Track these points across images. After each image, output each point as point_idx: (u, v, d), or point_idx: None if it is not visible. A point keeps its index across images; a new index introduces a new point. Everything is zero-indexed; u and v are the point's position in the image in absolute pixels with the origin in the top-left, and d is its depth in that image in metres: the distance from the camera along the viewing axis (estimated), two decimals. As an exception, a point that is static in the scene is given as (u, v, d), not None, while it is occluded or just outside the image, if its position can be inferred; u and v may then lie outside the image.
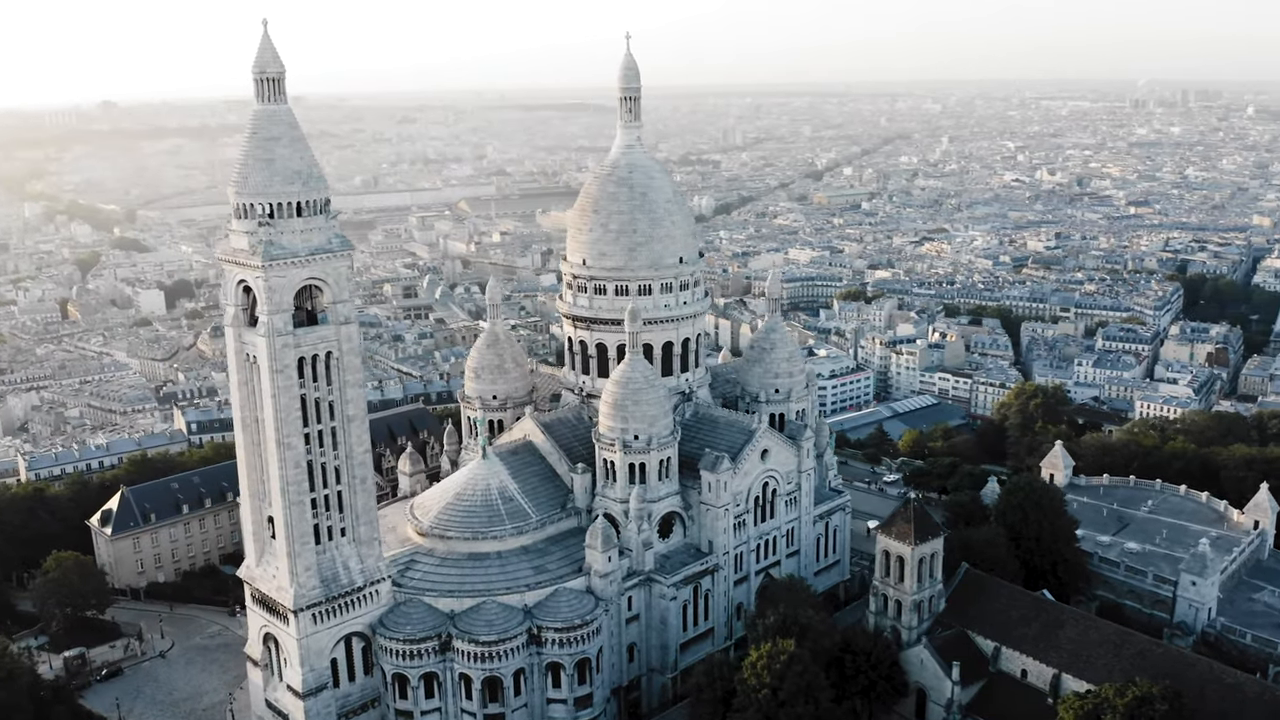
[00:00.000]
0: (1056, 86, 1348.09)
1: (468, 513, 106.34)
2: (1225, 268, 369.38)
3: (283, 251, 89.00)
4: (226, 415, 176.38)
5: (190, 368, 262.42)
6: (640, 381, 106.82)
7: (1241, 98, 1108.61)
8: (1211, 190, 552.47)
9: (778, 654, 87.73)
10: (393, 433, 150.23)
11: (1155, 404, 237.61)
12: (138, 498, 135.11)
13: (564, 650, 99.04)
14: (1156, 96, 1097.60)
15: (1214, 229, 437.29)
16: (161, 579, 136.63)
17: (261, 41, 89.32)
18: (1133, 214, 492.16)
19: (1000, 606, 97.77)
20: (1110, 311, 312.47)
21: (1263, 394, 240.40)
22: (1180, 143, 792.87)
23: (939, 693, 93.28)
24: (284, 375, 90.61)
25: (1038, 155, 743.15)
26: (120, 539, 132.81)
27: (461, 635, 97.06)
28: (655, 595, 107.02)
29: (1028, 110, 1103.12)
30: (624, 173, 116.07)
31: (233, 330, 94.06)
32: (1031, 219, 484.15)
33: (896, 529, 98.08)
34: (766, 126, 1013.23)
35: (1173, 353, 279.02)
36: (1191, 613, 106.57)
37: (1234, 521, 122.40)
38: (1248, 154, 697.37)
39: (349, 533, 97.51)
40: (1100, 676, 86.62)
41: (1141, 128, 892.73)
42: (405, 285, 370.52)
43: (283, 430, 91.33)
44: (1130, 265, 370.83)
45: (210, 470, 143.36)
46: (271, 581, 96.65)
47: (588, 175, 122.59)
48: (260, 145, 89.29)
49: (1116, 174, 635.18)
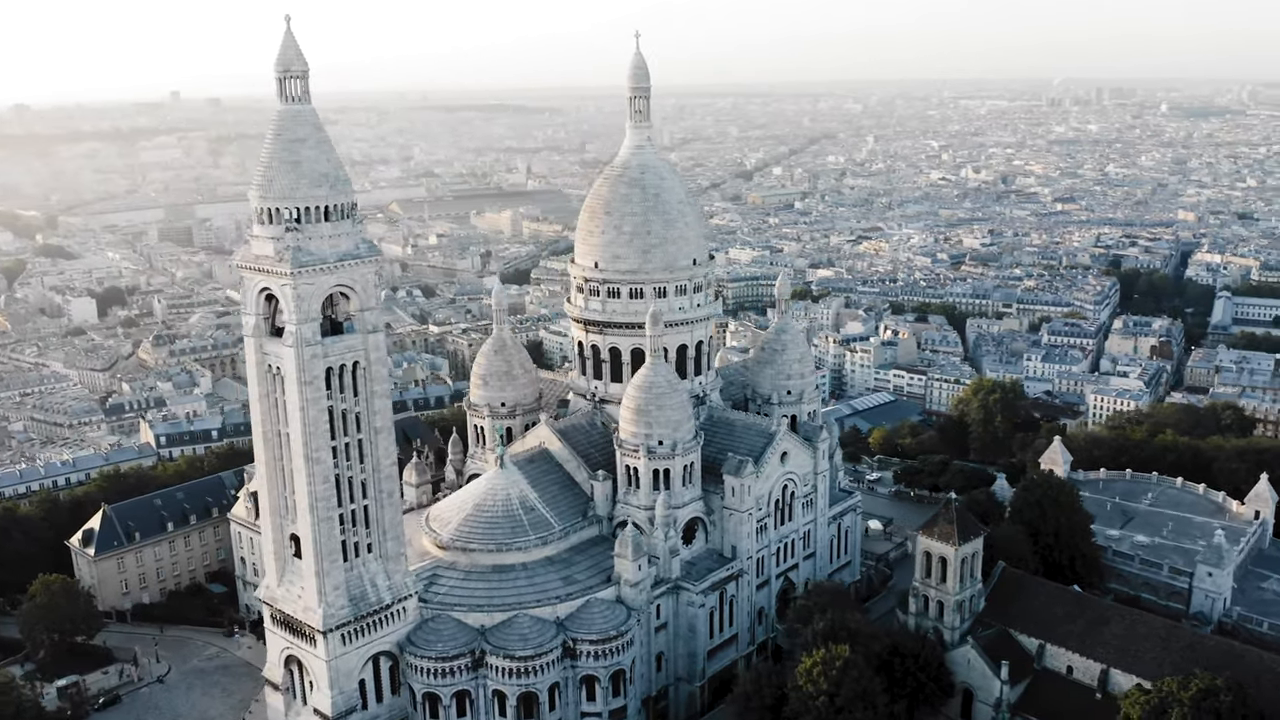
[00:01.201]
0: (973, 86, 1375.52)
1: (490, 524, 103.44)
2: (1157, 262, 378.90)
3: (311, 258, 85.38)
4: (196, 428, 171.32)
5: (134, 378, 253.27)
6: (664, 386, 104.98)
7: (1154, 95, 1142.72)
8: (1133, 187, 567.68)
9: (833, 660, 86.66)
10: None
11: (1108, 397, 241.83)
12: (120, 516, 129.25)
13: (599, 663, 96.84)
14: (1072, 95, 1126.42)
15: (1141, 224, 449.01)
16: (146, 600, 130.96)
17: (284, 38, 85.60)
18: (1060, 210, 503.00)
19: (1042, 604, 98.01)
20: (1051, 307, 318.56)
21: (1210, 385, 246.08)
22: (1099, 140, 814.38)
23: (987, 692, 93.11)
24: (313, 387, 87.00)
25: (961, 154, 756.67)
26: (104, 559, 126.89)
27: (496, 651, 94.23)
28: (683, 603, 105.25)
29: (947, 110, 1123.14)
30: (636, 173, 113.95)
31: (254, 341, 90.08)
32: (962, 216, 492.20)
33: (939, 530, 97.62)
34: (692, 127, 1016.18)
35: (1117, 346, 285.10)
36: (1208, 603, 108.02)
37: (1234, 512, 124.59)
38: (1165, 150, 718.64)
39: (375, 548, 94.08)
40: (1150, 670, 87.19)
41: (1059, 126, 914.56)
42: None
43: (311, 444, 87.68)
44: (1065, 261, 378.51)
45: (194, 485, 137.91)
46: (296, 602, 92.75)
47: (598, 177, 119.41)
48: (286, 147, 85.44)
49: (1040, 171, 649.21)
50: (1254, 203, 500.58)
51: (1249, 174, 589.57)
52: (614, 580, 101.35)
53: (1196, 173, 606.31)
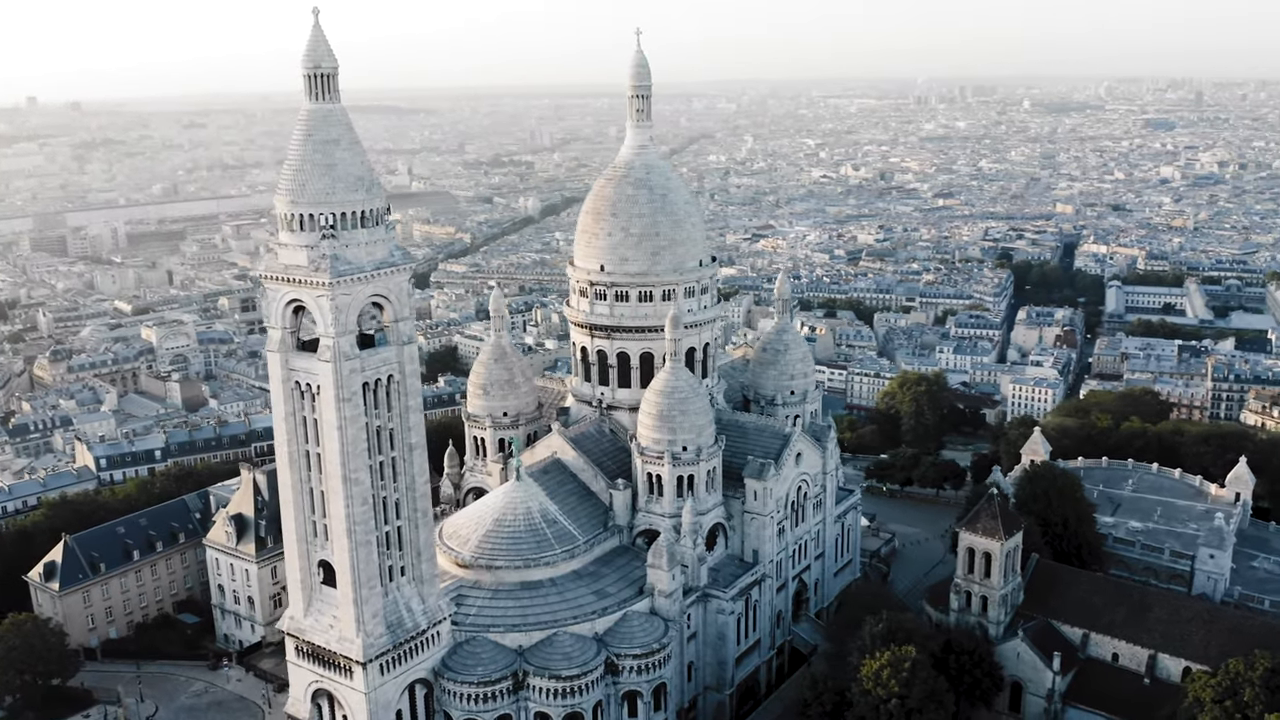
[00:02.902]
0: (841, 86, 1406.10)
1: (514, 539, 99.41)
2: (1046, 254, 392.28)
3: (349, 267, 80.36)
4: (139, 449, 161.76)
5: (33, 396, 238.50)
6: (686, 390, 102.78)
7: (1015, 92, 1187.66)
8: (1007, 181, 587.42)
9: (901, 660, 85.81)
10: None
11: (1025, 386, 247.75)
12: (83, 546, 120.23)
13: (642, 677, 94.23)
14: (937, 93, 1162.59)
15: (1022, 218, 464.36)
16: (114, 635, 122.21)
17: (312, 34, 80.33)
18: (941, 205, 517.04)
19: (1082, 594, 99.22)
20: (954, 300, 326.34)
21: (1121, 373, 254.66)
22: (968, 136, 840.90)
23: (1038, 684, 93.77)
24: (351, 404, 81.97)
25: (839, 152, 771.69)
26: (69, 594, 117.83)
27: (540, 671, 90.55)
28: (713, 611, 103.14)
29: (818, 109, 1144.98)
30: (641, 174, 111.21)
31: (278, 357, 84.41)
32: (850, 213, 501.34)
33: (982, 525, 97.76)
34: (571, 127, 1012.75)
35: (1022, 337, 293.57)
36: (1211, 584, 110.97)
37: (1214, 495, 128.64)
38: (1033, 146, 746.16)
39: (409, 571, 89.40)
40: (1198, 653, 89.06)
41: (929, 123, 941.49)
42: (243, 298, 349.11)
43: (349, 464, 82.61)
44: (957, 255, 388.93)
45: (156, 511, 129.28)
46: (328, 632, 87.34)
47: (600, 178, 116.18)
48: (318, 149, 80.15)
49: (916, 168, 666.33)
50: (1124, 195, 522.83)
51: (1116, 167, 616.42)
52: (647, 591, 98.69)
53: (1066, 167, 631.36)
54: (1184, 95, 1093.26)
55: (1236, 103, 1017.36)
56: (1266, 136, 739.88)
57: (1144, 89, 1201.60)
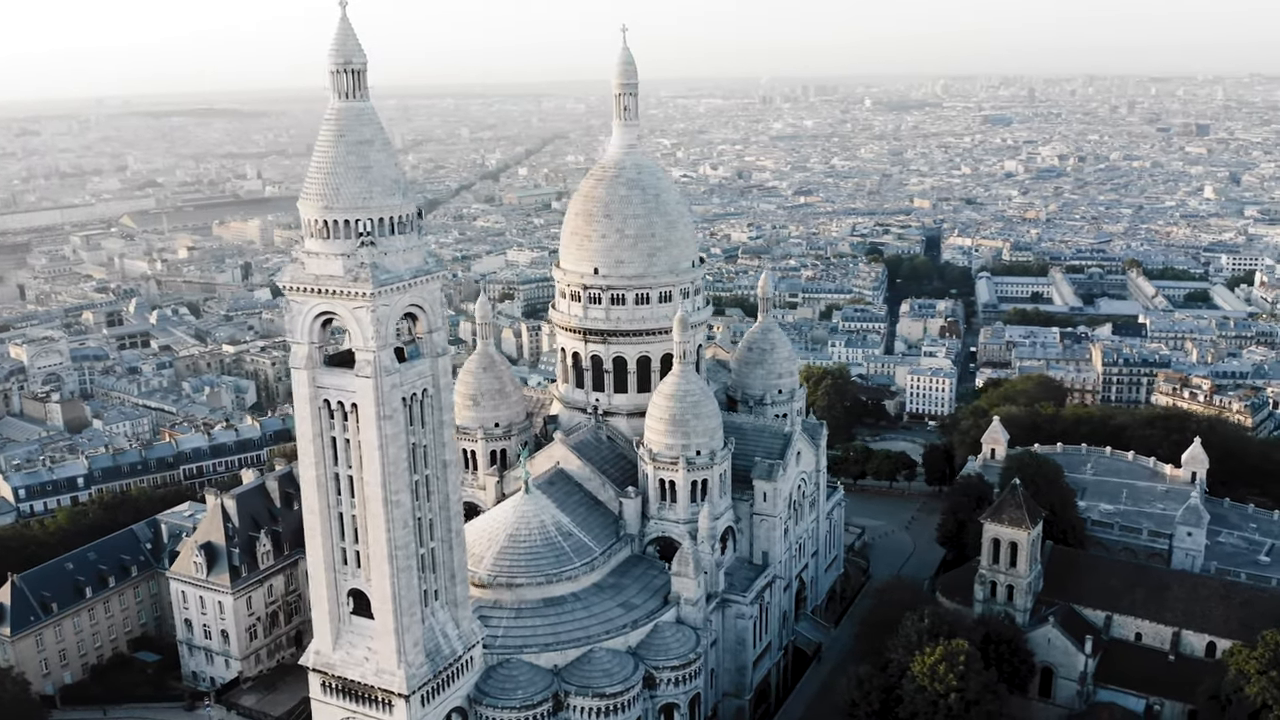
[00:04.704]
0: (686, 86, 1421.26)
1: (532, 555, 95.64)
2: (914, 248, 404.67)
3: (389, 275, 75.43)
4: (60, 477, 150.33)
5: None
6: (698, 394, 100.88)
7: (855, 91, 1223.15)
8: (861, 178, 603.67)
9: (956, 654, 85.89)
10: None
11: (922, 377, 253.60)
12: (32, 586, 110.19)
13: (679, 689, 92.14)
14: (781, 93, 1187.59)
15: (883, 213, 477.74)
16: (69, 679, 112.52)
17: (340, 27, 74.95)
18: (803, 203, 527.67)
19: (1100, 577, 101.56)
20: (835, 295, 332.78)
21: (1007, 360, 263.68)
22: (816, 135, 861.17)
23: (1069, 668, 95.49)
24: (393, 421, 77.04)
25: (694, 151, 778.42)
26: (22, 638, 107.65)
27: (582, 690, 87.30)
28: (731, 616, 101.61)
29: (667, 108, 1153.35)
30: (633, 174, 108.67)
31: (306, 374, 78.70)
32: (717, 211, 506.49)
33: (1008, 515, 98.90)
34: (421, 128, 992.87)
35: (907, 329, 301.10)
36: (1189, 560, 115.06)
37: (1170, 475, 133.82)
38: (880, 143, 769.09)
39: (442, 595, 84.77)
40: (1220, 627, 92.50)
41: (777, 122, 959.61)
42: (108, 311, 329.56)
43: (390, 486, 77.62)
44: (830, 251, 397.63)
45: (105, 543, 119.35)
46: (363, 665, 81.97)
47: (587, 178, 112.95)
48: (352, 150, 74.85)
49: (772, 166, 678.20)
50: (974, 189, 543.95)
51: (962, 162, 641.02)
52: (672, 600, 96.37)
53: (915, 163, 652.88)
54: (1016, 92, 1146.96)
55: (1066, 98, 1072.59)
56: (1099, 130, 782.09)
57: (978, 86, 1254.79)
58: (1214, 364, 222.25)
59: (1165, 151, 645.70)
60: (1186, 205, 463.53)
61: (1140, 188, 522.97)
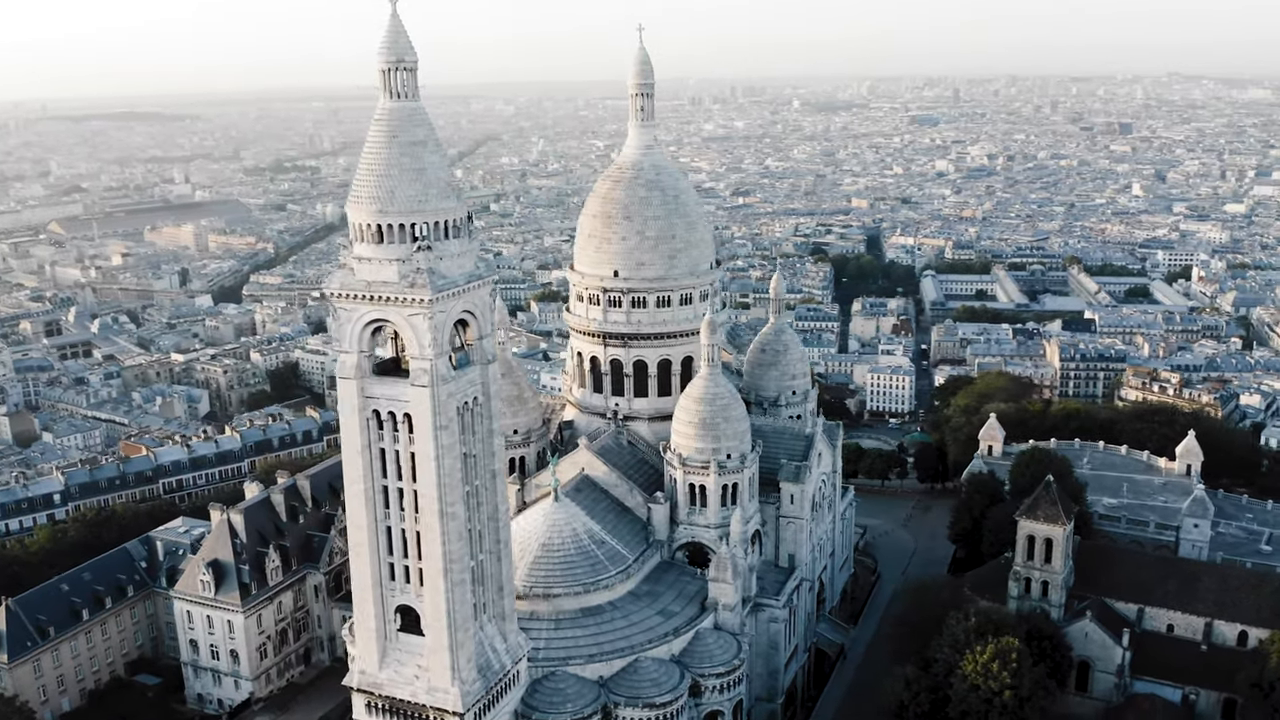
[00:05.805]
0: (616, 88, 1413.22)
1: (567, 564, 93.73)
2: (858, 247, 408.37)
3: (446, 281, 73.11)
4: (35, 494, 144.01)
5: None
6: (727, 397, 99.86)
7: (783, 92, 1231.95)
8: (795, 178, 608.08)
9: (1008, 652, 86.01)
10: (335, 490, 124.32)
11: (882, 375, 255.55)
12: (27, 610, 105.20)
13: (723, 696, 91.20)
14: (709, 94, 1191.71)
15: (822, 213, 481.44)
16: (67, 706, 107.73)
17: (391, 24, 72.50)
18: (741, 203, 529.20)
19: (1130, 570, 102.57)
20: (787, 294, 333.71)
21: (962, 357, 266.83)
22: (748, 135, 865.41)
23: (1106, 661, 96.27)
24: (448, 432, 74.67)
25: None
26: (19, 664, 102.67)
27: (632, 701, 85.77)
28: (764, 620, 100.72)
29: (597, 110, 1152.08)
30: (651, 175, 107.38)
31: (354, 384, 75.75)
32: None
33: (1043, 512, 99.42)
34: (351, 131, 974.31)
35: (860, 328, 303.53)
36: (1195, 551, 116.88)
37: (1166, 468, 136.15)
38: (812, 144, 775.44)
39: (490, 608, 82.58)
40: (1251, 616, 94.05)
41: (708, 124, 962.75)
42: (46, 320, 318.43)
43: (446, 498, 75.27)
44: (774, 251, 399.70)
45: (99, 563, 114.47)
46: (413, 684, 79.38)
47: (603, 180, 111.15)
48: (406, 151, 72.45)
49: (707, 167, 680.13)
50: (907, 188, 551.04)
51: (893, 162, 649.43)
52: (710, 607, 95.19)
53: (847, 163, 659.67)
54: (941, 92, 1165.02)
55: (990, 98, 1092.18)
56: (1025, 129, 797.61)
57: (903, 87, 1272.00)
58: (1166, 358, 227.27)
59: (1091, 150, 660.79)
60: (1116, 203, 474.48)
61: (1070, 186, 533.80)
